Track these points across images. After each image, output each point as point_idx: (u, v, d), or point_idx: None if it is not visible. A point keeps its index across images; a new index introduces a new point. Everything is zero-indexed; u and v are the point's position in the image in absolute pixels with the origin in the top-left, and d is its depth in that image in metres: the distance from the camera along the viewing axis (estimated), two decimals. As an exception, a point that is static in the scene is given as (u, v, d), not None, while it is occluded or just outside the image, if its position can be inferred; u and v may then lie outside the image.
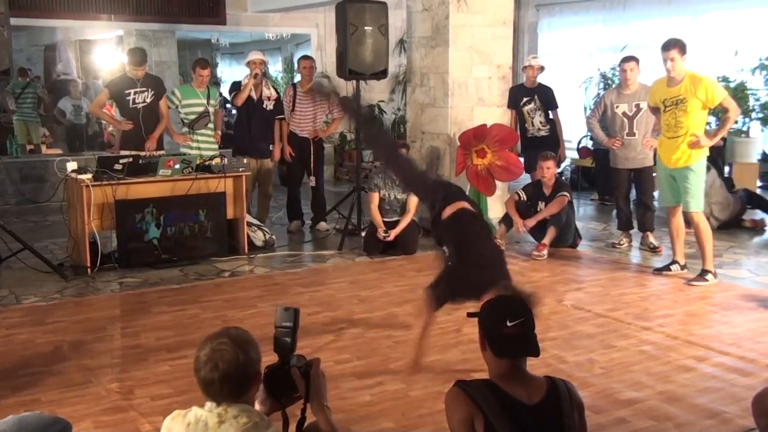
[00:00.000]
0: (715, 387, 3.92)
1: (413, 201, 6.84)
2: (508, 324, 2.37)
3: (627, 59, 6.94)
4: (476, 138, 7.30)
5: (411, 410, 3.65)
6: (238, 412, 2.11)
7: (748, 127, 9.87)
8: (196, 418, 2.13)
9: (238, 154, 7.46)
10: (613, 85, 9.33)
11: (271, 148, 7.81)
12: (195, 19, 11.31)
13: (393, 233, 6.76)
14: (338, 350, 4.47)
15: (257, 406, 2.29)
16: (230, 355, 2.10)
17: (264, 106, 7.65)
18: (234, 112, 7.95)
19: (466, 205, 4.18)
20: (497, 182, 7.51)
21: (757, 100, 9.85)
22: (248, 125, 7.65)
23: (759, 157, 10.18)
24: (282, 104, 7.79)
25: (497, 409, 2.30)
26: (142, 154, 6.74)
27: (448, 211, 4.11)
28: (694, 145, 5.72)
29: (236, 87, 7.71)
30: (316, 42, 12.28)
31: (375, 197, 6.92)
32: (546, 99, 8.15)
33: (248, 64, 7.67)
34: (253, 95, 7.56)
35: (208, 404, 2.15)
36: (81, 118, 11.65)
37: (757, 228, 7.85)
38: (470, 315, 2.62)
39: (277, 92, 7.87)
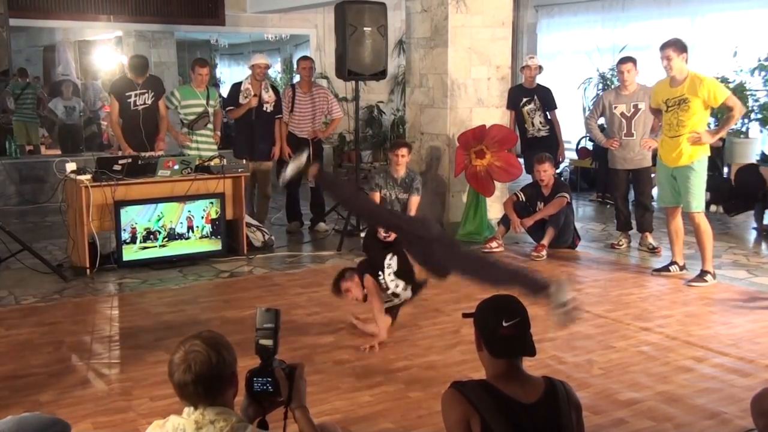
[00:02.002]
0: (714, 387, 3.92)
1: (414, 201, 6.83)
2: (504, 324, 2.38)
3: (624, 60, 6.94)
4: (475, 139, 7.30)
5: (410, 411, 3.65)
6: (215, 416, 2.10)
7: (747, 128, 9.87)
8: (174, 427, 2.13)
9: (239, 157, 7.46)
10: (612, 86, 9.34)
11: (272, 149, 7.82)
12: (194, 20, 11.30)
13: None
14: (337, 351, 4.47)
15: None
16: (203, 357, 2.10)
17: (264, 108, 7.65)
18: (227, 121, 7.93)
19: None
20: (496, 183, 7.51)
21: (756, 100, 9.85)
22: (250, 128, 7.66)
23: (758, 158, 10.18)
24: (281, 104, 7.79)
25: (494, 409, 2.30)
26: (142, 154, 6.73)
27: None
28: (696, 141, 5.71)
29: (236, 89, 7.69)
30: (315, 43, 12.28)
31: (376, 197, 6.91)
32: (545, 99, 8.17)
33: (252, 67, 7.66)
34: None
35: (186, 410, 2.15)
36: (74, 118, 11.64)
37: None
38: (465, 315, 2.62)
39: (277, 93, 7.86)
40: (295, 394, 2.34)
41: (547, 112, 8.20)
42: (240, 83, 7.75)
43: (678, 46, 5.70)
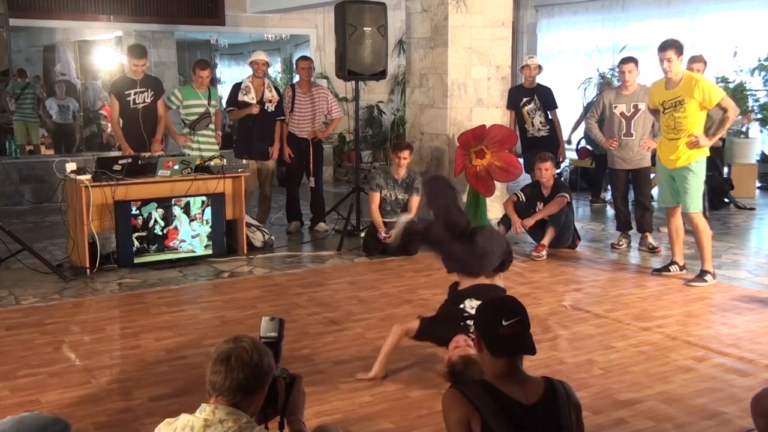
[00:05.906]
0: (714, 387, 3.92)
1: (415, 200, 6.84)
2: (504, 323, 2.39)
3: (626, 60, 6.94)
4: (475, 139, 7.30)
5: (410, 411, 3.65)
6: (225, 416, 2.11)
7: (747, 128, 9.88)
8: (183, 425, 2.14)
9: (240, 156, 7.47)
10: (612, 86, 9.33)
11: (270, 149, 7.82)
12: (194, 20, 11.32)
13: (393, 233, 6.76)
14: (338, 351, 4.47)
15: None
16: (246, 355, 2.14)
17: (266, 108, 7.65)
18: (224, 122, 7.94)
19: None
20: (496, 183, 7.51)
21: (756, 100, 9.86)
22: (250, 127, 7.66)
23: (758, 158, 10.19)
24: (282, 105, 7.79)
25: (494, 410, 2.31)
26: (142, 154, 6.73)
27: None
28: (693, 145, 5.74)
29: (236, 89, 7.69)
30: (315, 43, 12.29)
31: (376, 197, 6.91)
32: (545, 99, 8.17)
33: (251, 64, 7.66)
34: (254, 97, 7.56)
35: (199, 408, 2.16)
36: (68, 118, 11.66)
37: None
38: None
39: (279, 94, 7.86)
40: (292, 407, 2.37)
41: (548, 112, 8.21)
42: (240, 83, 7.74)
43: (678, 47, 5.72)
